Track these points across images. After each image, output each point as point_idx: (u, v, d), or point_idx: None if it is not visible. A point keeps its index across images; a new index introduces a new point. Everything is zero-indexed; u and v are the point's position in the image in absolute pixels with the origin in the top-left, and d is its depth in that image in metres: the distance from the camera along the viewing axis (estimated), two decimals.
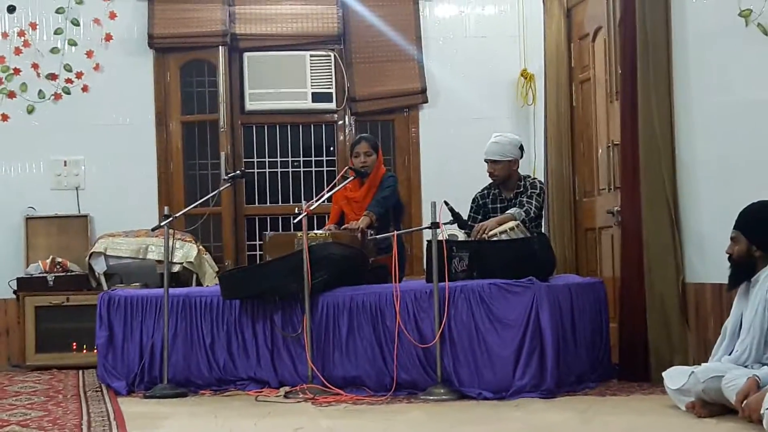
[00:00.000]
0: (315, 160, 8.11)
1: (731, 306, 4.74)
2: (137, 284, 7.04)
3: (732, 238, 4.63)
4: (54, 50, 7.78)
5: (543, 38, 7.35)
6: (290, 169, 8.10)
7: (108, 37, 7.84)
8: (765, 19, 4.95)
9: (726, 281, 4.73)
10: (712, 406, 4.44)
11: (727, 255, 4.64)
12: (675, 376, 4.67)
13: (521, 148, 6.27)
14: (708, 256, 5.41)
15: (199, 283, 7.18)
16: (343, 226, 6.28)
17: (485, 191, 6.35)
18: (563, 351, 5.40)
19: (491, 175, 6.23)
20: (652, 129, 5.72)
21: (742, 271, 4.60)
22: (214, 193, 6.37)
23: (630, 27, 5.88)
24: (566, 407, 4.93)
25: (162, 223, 5.87)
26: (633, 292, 5.80)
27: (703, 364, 4.62)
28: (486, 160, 6.21)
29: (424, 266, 6.02)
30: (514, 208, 6.05)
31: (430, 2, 8.09)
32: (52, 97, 7.76)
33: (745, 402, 4.17)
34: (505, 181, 6.23)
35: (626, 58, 5.94)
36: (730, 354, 4.61)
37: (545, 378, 5.25)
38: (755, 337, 4.49)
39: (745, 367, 4.45)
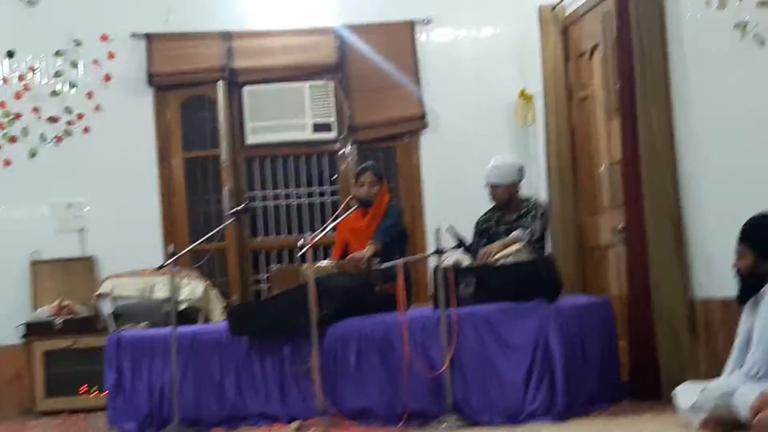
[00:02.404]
0: (318, 191, 8.10)
1: (740, 319, 4.70)
2: (144, 324, 7.02)
3: (738, 253, 4.59)
4: (54, 93, 7.80)
5: (540, 58, 7.33)
6: (293, 201, 8.09)
7: (107, 78, 7.85)
8: (760, 30, 4.94)
9: (734, 295, 4.69)
10: (725, 422, 4.38)
11: (734, 270, 4.60)
12: (686, 394, 4.62)
13: (521, 170, 6.25)
14: (715, 271, 5.37)
15: (207, 320, 7.15)
16: (348, 257, 6.27)
17: (488, 215, 6.33)
18: (573, 373, 5.36)
19: (493, 199, 6.22)
20: (653, 145, 5.70)
21: (750, 285, 4.55)
22: (218, 228, 6.38)
23: (626, 43, 5.88)
24: (578, 430, 4.90)
25: (167, 262, 5.86)
26: (641, 309, 5.76)
27: (714, 381, 4.57)
28: (487, 185, 6.20)
29: (431, 293, 5.99)
30: (518, 231, 6.03)
31: (425, 27, 8.06)
32: (54, 139, 7.77)
33: (757, 417, 4.12)
34: (507, 204, 6.21)
35: (624, 75, 5.93)
36: (740, 368, 4.56)
37: (556, 401, 5.21)
38: (765, 350, 4.44)
39: (757, 380, 4.41)
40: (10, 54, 7.80)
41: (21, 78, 7.78)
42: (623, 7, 5.90)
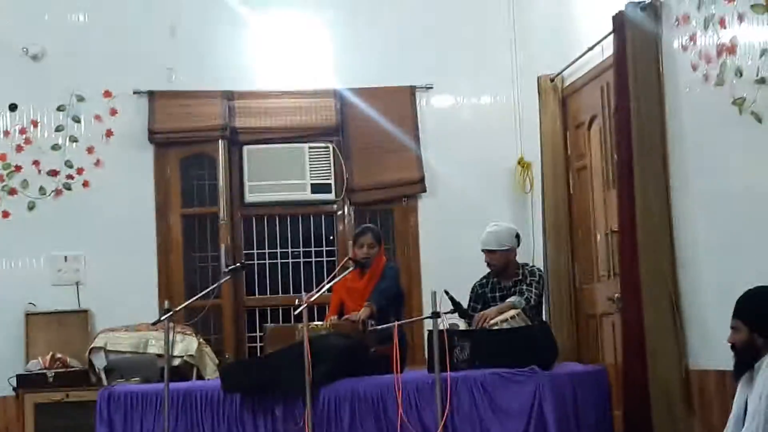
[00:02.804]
0: (315, 251, 8.13)
1: (735, 391, 4.70)
2: (137, 379, 6.99)
3: (732, 327, 4.60)
4: (55, 147, 7.85)
5: (539, 127, 7.43)
6: (290, 260, 8.11)
7: (109, 133, 7.92)
8: (758, 107, 5.00)
9: (729, 367, 4.70)
10: None
11: (730, 345, 4.62)
12: None
13: (517, 236, 6.29)
14: (710, 342, 5.38)
15: (200, 377, 7.13)
16: (343, 317, 6.27)
17: (484, 280, 6.36)
18: None
19: (489, 264, 6.25)
20: (650, 215, 5.74)
21: (745, 359, 4.56)
22: (214, 285, 6.38)
23: (625, 116, 5.94)
24: None
25: (162, 318, 5.85)
26: (636, 379, 5.76)
27: None
28: (483, 250, 6.23)
29: (426, 356, 6.00)
30: (515, 297, 6.05)
31: (426, 93, 8.18)
32: (53, 193, 7.81)
33: None
34: (503, 270, 6.24)
35: (622, 146, 5.99)
36: None
37: None
38: (759, 425, 4.44)
39: None
40: (13, 107, 7.86)
41: (23, 131, 7.84)
42: (622, 80, 5.98)
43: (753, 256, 5.09)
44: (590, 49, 6.65)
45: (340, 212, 8.11)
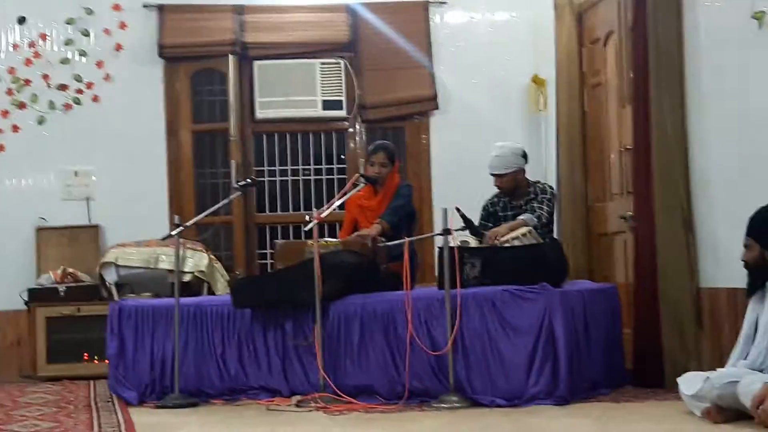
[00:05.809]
0: (326, 168, 8.09)
1: (746, 310, 4.69)
2: (148, 294, 7.02)
3: (745, 245, 4.58)
4: (64, 61, 7.78)
5: (554, 43, 7.31)
6: (301, 177, 8.08)
7: (118, 47, 7.84)
8: None
9: (740, 285, 4.69)
10: (728, 411, 4.38)
11: (743, 262, 4.59)
12: (690, 382, 4.62)
13: (524, 155, 6.17)
14: (722, 261, 5.36)
15: (210, 292, 7.16)
16: (355, 234, 6.25)
17: (495, 198, 6.29)
18: (576, 357, 5.35)
19: (498, 187, 6.18)
20: (665, 133, 5.68)
21: (757, 277, 4.55)
22: (224, 201, 6.37)
23: (642, 31, 5.85)
24: (580, 414, 4.90)
25: (172, 233, 5.84)
26: (647, 297, 5.75)
27: (718, 370, 4.57)
28: (491, 174, 6.15)
29: (436, 273, 5.99)
30: (526, 214, 6.00)
31: (440, 9, 8.05)
32: (63, 107, 7.76)
33: (760, 407, 4.13)
34: (513, 191, 6.17)
35: (638, 63, 5.91)
36: (745, 359, 4.56)
37: (558, 385, 5.20)
38: None
39: (761, 371, 4.41)
40: (22, 20, 7.77)
41: (32, 45, 7.77)
42: None
43: (767, 174, 5.03)
44: None
45: (351, 129, 8.04)
